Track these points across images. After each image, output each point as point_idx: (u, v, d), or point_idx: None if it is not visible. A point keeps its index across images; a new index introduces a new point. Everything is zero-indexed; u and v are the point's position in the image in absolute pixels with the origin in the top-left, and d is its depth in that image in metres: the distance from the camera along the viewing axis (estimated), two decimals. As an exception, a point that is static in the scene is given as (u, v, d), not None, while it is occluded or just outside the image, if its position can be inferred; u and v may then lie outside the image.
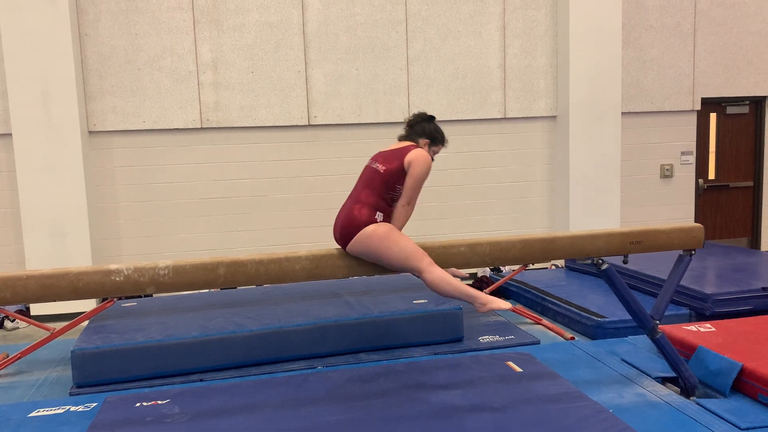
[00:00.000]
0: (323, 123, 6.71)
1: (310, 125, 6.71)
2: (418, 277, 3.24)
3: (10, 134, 5.97)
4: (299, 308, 4.66)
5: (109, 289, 2.88)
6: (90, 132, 6.30)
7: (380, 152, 3.45)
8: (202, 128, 6.51)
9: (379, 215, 3.25)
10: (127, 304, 5.09)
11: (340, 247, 3.24)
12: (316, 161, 6.78)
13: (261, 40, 6.51)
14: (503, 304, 3.19)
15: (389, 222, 3.29)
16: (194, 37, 6.39)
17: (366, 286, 5.24)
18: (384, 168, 3.31)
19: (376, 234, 3.13)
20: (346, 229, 3.18)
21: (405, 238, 3.20)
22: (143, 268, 2.88)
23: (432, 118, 3.54)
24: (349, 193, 3.40)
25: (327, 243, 6.70)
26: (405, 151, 3.35)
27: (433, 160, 3.40)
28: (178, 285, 2.96)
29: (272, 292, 5.26)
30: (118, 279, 2.86)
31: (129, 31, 6.28)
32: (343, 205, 3.35)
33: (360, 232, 3.13)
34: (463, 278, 6.78)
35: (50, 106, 5.89)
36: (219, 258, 2.99)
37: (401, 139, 3.54)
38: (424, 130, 3.48)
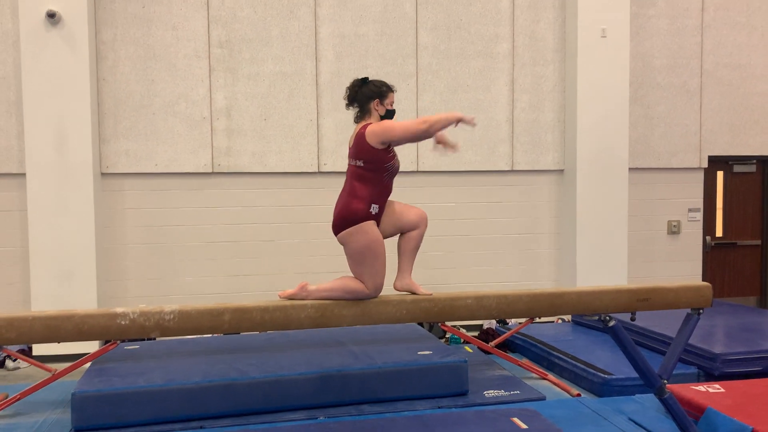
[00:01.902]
0: (333, 170, 6.78)
1: (319, 172, 6.78)
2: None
3: (24, 174, 6.05)
4: (303, 356, 4.62)
5: (114, 333, 2.89)
6: (102, 174, 6.39)
7: (349, 148, 3.46)
8: (213, 173, 6.59)
9: (374, 207, 3.31)
10: (130, 347, 5.06)
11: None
12: (325, 207, 6.77)
13: (275, 89, 6.64)
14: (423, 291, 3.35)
15: (382, 211, 3.35)
16: (209, 84, 6.54)
17: (371, 336, 5.21)
18: (359, 161, 3.34)
19: (362, 238, 3.26)
20: (342, 219, 3.30)
21: (382, 258, 3.34)
22: (149, 312, 2.89)
23: (364, 79, 3.49)
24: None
25: (332, 290, 6.73)
26: (360, 140, 3.34)
27: (393, 110, 3.45)
28: (183, 330, 2.96)
29: (276, 339, 5.23)
30: (123, 322, 2.87)
31: (146, 77, 6.43)
32: (340, 195, 3.41)
33: (354, 227, 3.26)
34: (468, 330, 6.74)
35: (65, 147, 5.99)
36: (224, 304, 3.00)
37: (356, 120, 3.52)
38: (366, 94, 3.44)
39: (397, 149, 3.29)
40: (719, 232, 7.79)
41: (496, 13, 6.98)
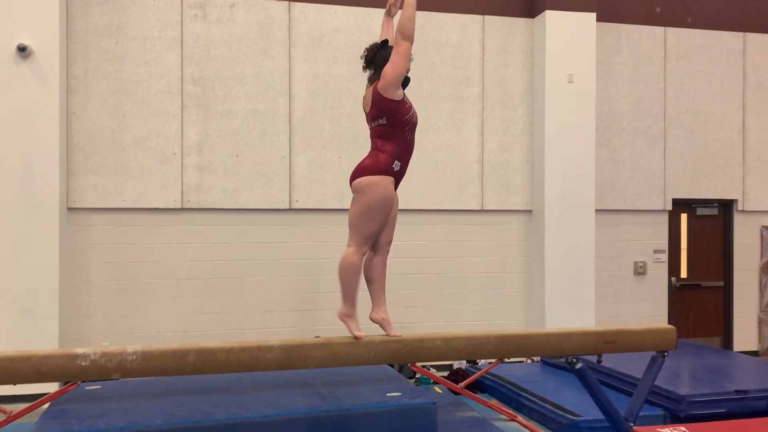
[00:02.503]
0: (304, 207, 6.78)
1: (291, 209, 6.77)
2: (348, 243, 3.43)
3: (-12, 207, 5.93)
4: (269, 397, 4.53)
5: (74, 374, 2.81)
6: (69, 208, 6.29)
7: (366, 113, 3.54)
8: (182, 209, 6.54)
9: (396, 164, 3.38)
10: (91, 387, 4.91)
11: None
12: (295, 245, 6.80)
13: (247, 126, 6.66)
14: (358, 333, 3.32)
15: (403, 170, 3.42)
16: (181, 120, 6.53)
17: (339, 376, 5.13)
18: (381, 119, 3.39)
19: (379, 191, 3.30)
20: (363, 168, 3.35)
21: (386, 218, 3.37)
22: (110, 353, 2.83)
23: (384, 42, 3.54)
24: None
25: (302, 328, 6.68)
26: (377, 97, 3.39)
27: (409, 78, 3.45)
28: (146, 371, 2.90)
29: (242, 379, 5.12)
30: (84, 364, 2.80)
31: (117, 112, 6.40)
32: (365, 157, 3.47)
33: (374, 177, 3.30)
34: (438, 369, 6.71)
35: (31, 181, 5.90)
36: (188, 345, 2.95)
37: (370, 80, 3.57)
38: (384, 56, 3.48)
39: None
40: (684, 274, 7.94)
41: (467, 57, 7.15)
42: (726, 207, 7.99)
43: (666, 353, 3.56)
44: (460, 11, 7.13)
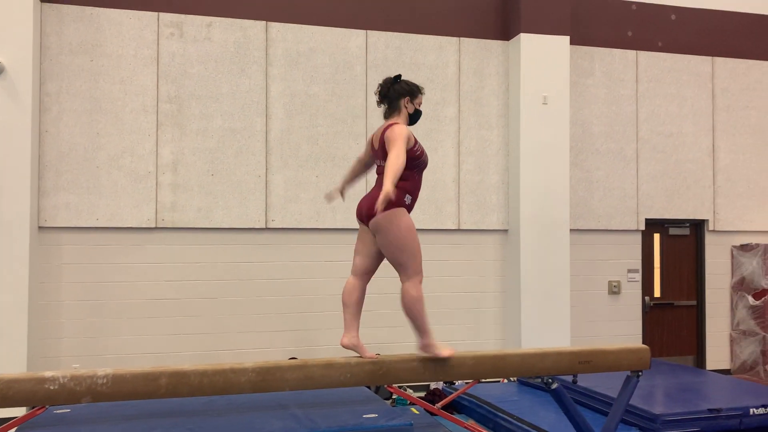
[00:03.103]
0: (280, 227, 6.74)
1: (267, 228, 6.73)
2: (401, 280, 3.44)
3: (-45, 226, 5.80)
4: (243, 420, 4.46)
5: (42, 398, 2.74)
6: (40, 227, 6.17)
7: (375, 150, 3.57)
8: (156, 228, 6.46)
9: (408, 197, 3.42)
10: (60, 411, 4.79)
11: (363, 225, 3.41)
12: (271, 264, 6.74)
13: (223, 145, 6.63)
14: (446, 351, 3.35)
15: (414, 203, 3.47)
16: (156, 138, 6.48)
17: (315, 398, 5.08)
18: (381, 161, 3.47)
19: (401, 221, 3.33)
20: (370, 214, 3.35)
21: (419, 244, 3.39)
22: (80, 376, 2.76)
23: (398, 77, 3.61)
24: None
25: (277, 349, 6.61)
26: (384, 142, 3.45)
27: (420, 111, 3.60)
28: (117, 395, 2.84)
29: (216, 401, 5.03)
30: (52, 387, 2.73)
31: (91, 130, 6.33)
32: (371, 192, 3.52)
33: (391, 211, 3.29)
34: (415, 390, 6.67)
35: (1, 199, 5.79)
36: (161, 368, 2.90)
37: (385, 116, 3.62)
38: (398, 91, 3.56)
39: (343, 208, 3.32)
40: (657, 293, 8.03)
41: (443, 78, 7.22)
42: (697, 227, 8.13)
43: (640, 373, 3.58)
44: (437, 33, 7.21)
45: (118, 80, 6.40)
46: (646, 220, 7.84)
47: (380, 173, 3.51)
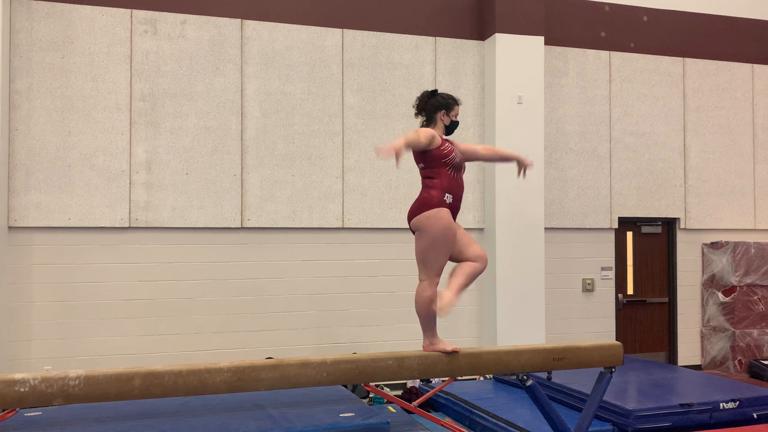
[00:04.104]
0: (256, 226, 6.71)
1: (242, 228, 6.69)
2: (420, 278, 3.61)
3: None
4: (218, 421, 4.44)
5: (12, 401, 2.70)
6: (10, 227, 6.06)
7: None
8: (130, 227, 6.38)
9: (448, 197, 3.55)
10: (31, 414, 4.71)
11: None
12: (247, 264, 6.70)
13: (198, 144, 6.57)
14: (450, 347, 3.43)
15: (456, 202, 3.61)
16: (130, 137, 6.40)
17: (291, 397, 5.07)
18: (421, 164, 3.64)
19: (439, 221, 3.47)
20: (418, 205, 3.53)
21: (451, 248, 3.53)
22: (51, 378, 2.72)
23: (434, 91, 3.75)
24: None
25: (253, 349, 6.57)
26: None
27: (457, 122, 3.75)
28: (90, 397, 2.80)
29: (191, 402, 5.00)
30: (22, 389, 2.69)
31: (62, 128, 6.23)
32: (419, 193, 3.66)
33: (430, 211, 3.46)
34: (392, 388, 6.69)
35: (-31, 199, 5.68)
36: (134, 369, 2.87)
37: (422, 126, 3.74)
38: (434, 104, 3.69)
39: (319, 207, 3.32)
40: (630, 290, 8.15)
41: (420, 77, 7.24)
42: (669, 225, 8.27)
43: (613, 369, 3.64)
44: (413, 32, 7.23)
45: (91, 78, 6.31)
46: (619, 218, 7.94)
47: (422, 177, 3.69)
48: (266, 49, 6.79)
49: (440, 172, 3.58)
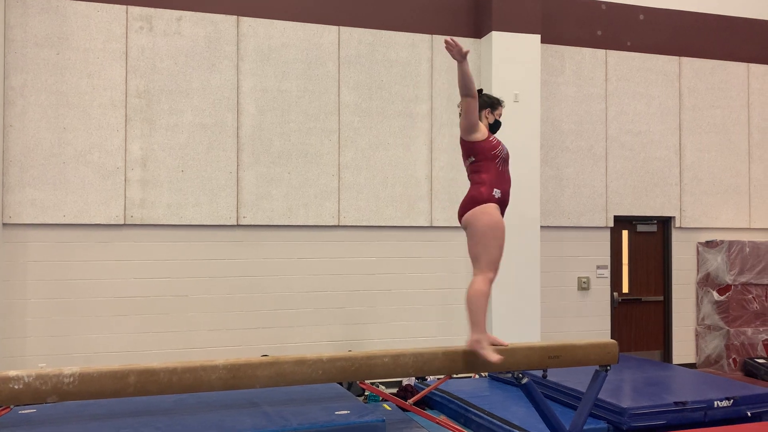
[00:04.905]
0: (252, 223, 6.69)
1: (238, 225, 6.68)
2: (474, 272, 3.54)
3: None
4: (213, 418, 4.43)
5: (6, 398, 2.68)
6: (4, 224, 6.04)
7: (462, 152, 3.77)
8: (125, 224, 6.36)
9: (496, 192, 3.60)
10: (25, 411, 4.70)
11: None
12: (242, 261, 6.69)
13: (194, 141, 6.55)
14: (494, 357, 3.30)
15: (504, 197, 3.68)
16: (125, 134, 6.38)
17: (286, 395, 5.06)
18: (470, 158, 3.68)
19: (488, 216, 3.50)
20: (468, 202, 3.57)
21: (501, 242, 3.54)
22: (46, 375, 2.71)
23: (479, 91, 3.75)
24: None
25: (249, 347, 6.56)
26: (462, 141, 3.69)
27: (500, 122, 3.83)
28: (84, 394, 2.79)
29: (186, 399, 4.99)
30: (16, 387, 2.67)
31: (57, 125, 6.20)
32: (466, 195, 3.69)
33: (479, 207, 3.50)
34: (387, 386, 6.69)
35: (-37, 195, 5.65)
36: (129, 366, 2.85)
37: None
38: (480, 103, 3.70)
39: (315, 204, 3.30)
40: (625, 289, 8.16)
41: (416, 75, 7.23)
42: (664, 224, 8.28)
43: (608, 367, 3.64)
44: (410, 30, 7.23)
45: (86, 74, 6.28)
46: (615, 217, 7.96)
47: (469, 173, 3.73)
48: (262, 46, 6.77)
49: (489, 167, 3.63)
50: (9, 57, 6.08)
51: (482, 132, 3.66)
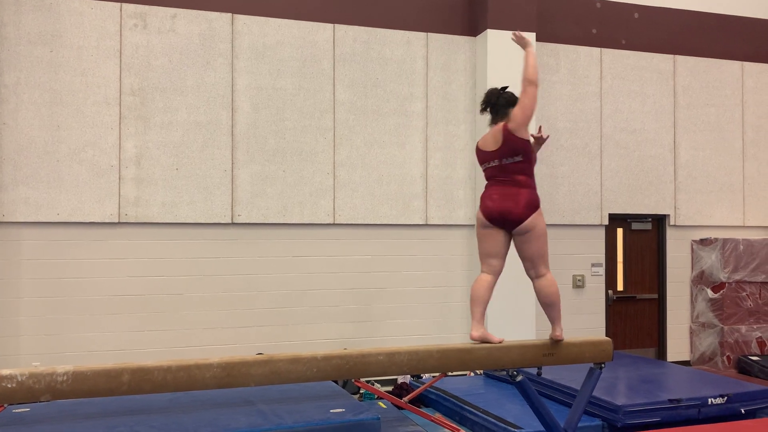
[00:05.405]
0: (247, 222, 6.68)
1: (233, 223, 6.66)
2: (533, 276, 3.78)
3: None
4: (208, 417, 4.42)
5: (-1, 397, 2.67)
6: (-3, 222, 6.01)
7: (487, 151, 3.74)
8: (119, 223, 6.34)
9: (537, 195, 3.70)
10: (19, 410, 4.68)
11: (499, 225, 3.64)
12: (237, 260, 6.68)
13: (188, 139, 6.53)
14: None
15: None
16: (119, 132, 6.35)
17: (282, 393, 5.06)
18: (516, 157, 3.63)
19: (543, 220, 3.64)
20: (529, 206, 3.58)
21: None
22: (39, 374, 2.70)
23: (504, 88, 3.80)
24: (493, 189, 3.71)
25: (243, 345, 6.55)
26: (511, 137, 3.62)
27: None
28: (78, 392, 2.78)
29: (181, 398, 4.98)
30: (9, 385, 2.66)
31: (51, 122, 6.18)
32: (506, 192, 3.63)
33: (539, 210, 3.61)
34: (383, 384, 6.69)
35: (-44, 194, 5.62)
36: (123, 364, 2.85)
37: (493, 123, 3.80)
38: (508, 100, 3.74)
39: (310, 202, 3.29)
40: (620, 286, 8.18)
41: (411, 73, 7.23)
42: (659, 222, 8.30)
43: (603, 365, 3.65)
44: (405, 28, 7.22)
45: (80, 72, 6.25)
46: (610, 215, 7.97)
47: (512, 172, 3.66)
48: (257, 43, 6.75)
49: (531, 170, 3.70)
50: (2, 54, 6.05)
51: (528, 131, 3.67)
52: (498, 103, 3.75)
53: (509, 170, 3.66)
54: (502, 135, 3.65)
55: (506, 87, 3.81)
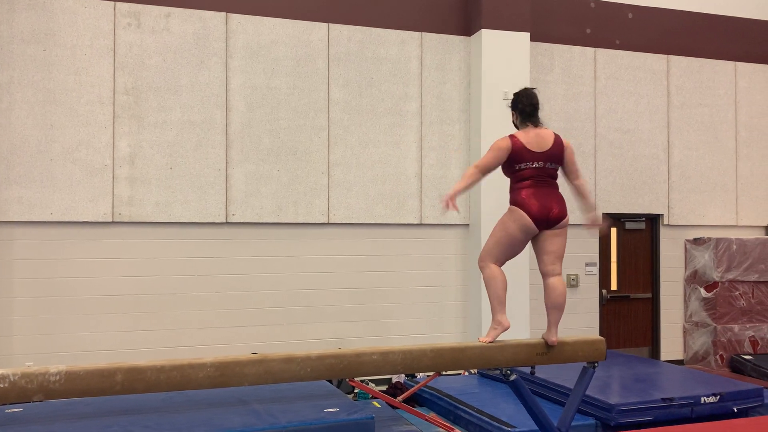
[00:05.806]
0: (241, 221, 6.67)
1: (227, 223, 6.65)
2: (551, 273, 3.95)
3: None
4: (202, 417, 4.41)
5: (-9, 397, 2.66)
6: (-10, 222, 5.99)
7: (534, 152, 3.87)
8: (113, 222, 6.32)
9: None
10: (12, 410, 4.66)
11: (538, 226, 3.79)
12: (232, 259, 6.67)
13: (182, 138, 6.52)
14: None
15: None
16: (113, 131, 6.34)
17: (276, 393, 5.06)
18: (559, 166, 3.92)
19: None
20: (565, 211, 3.82)
21: None
22: (31, 373, 2.69)
23: (533, 89, 4.01)
24: (538, 189, 3.89)
25: (237, 345, 6.55)
26: (562, 149, 3.92)
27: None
28: (71, 392, 2.77)
29: (175, 398, 4.97)
30: (2, 385, 2.66)
31: (44, 122, 6.15)
32: (549, 193, 3.88)
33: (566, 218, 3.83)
34: (377, 383, 6.69)
35: (-51, 193, 5.59)
36: (116, 364, 2.84)
37: (537, 124, 3.98)
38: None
39: (305, 202, 3.28)
40: (614, 286, 8.21)
41: (406, 73, 7.23)
42: (653, 221, 8.33)
43: (596, 364, 3.66)
44: (399, 27, 7.22)
45: (73, 71, 6.23)
46: (604, 214, 7.98)
47: (549, 176, 3.89)
48: (251, 43, 6.74)
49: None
50: (-5, 53, 6.02)
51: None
52: (533, 103, 3.96)
53: (548, 173, 3.90)
54: (554, 143, 3.87)
55: (535, 89, 4.03)
